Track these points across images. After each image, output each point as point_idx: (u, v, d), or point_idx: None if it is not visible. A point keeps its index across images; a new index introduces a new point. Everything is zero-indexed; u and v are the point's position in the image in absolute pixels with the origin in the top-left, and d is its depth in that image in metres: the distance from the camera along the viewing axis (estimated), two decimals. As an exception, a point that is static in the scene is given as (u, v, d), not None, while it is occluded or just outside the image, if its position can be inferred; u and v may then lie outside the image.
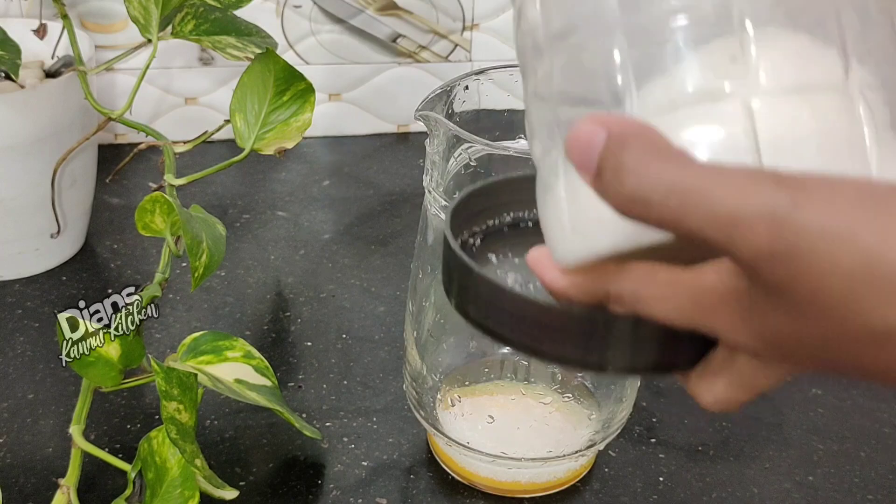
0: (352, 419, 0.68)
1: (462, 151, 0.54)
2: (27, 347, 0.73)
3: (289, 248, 0.86)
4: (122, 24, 0.94)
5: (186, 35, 0.73)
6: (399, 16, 0.99)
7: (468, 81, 0.58)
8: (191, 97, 0.99)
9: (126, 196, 0.92)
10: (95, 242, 0.85)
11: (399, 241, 0.87)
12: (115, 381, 0.56)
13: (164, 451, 0.55)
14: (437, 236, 0.58)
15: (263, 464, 0.64)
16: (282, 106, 0.70)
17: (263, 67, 0.70)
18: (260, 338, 0.75)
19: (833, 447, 0.67)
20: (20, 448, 0.65)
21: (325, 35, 0.99)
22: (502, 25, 1.00)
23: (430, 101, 0.56)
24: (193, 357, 0.60)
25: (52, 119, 0.75)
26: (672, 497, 0.63)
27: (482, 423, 0.61)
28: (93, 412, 0.61)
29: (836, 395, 0.71)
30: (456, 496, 0.62)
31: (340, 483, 0.63)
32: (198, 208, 0.73)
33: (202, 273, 0.60)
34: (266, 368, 0.62)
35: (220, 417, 0.67)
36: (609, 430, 0.62)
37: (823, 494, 0.63)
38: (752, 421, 0.69)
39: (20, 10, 0.90)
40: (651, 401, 0.70)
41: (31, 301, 0.78)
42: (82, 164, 0.80)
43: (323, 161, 0.99)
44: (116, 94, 0.97)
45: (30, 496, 0.61)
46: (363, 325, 0.77)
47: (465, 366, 0.63)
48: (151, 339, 0.74)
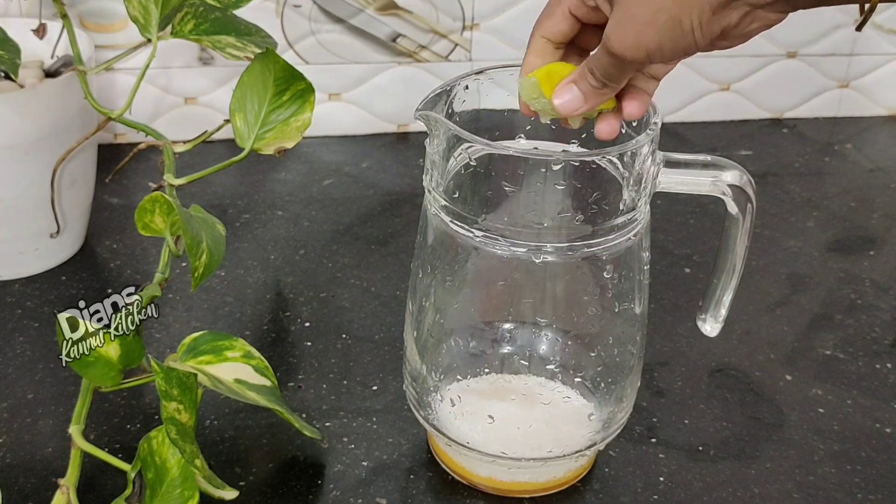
0: (352, 419, 0.68)
1: (462, 151, 0.54)
2: (27, 347, 0.73)
3: (289, 248, 0.86)
4: (122, 23, 0.94)
5: (186, 35, 0.73)
6: (399, 15, 0.99)
7: (468, 81, 0.58)
8: (190, 97, 0.99)
9: (126, 196, 0.92)
10: (95, 242, 0.85)
11: (399, 241, 0.87)
12: (115, 381, 0.56)
13: (163, 451, 0.55)
14: (436, 236, 0.58)
15: (263, 464, 0.64)
16: (282, 106, 0.70)
17: (263, 67, 0.70)
18: (260, 338, 0.75)
19: (834, 447, 0.67)
20: (20, 448, 0.65)
21: (325, 35, 0.99)
22: (502, 25, 1.00)
23: (430, 101, 0.56)
24: (193, 357, 0.60)
25: (52, 119, 0.75)
26: (672, 497, 0.63)
27: (482, 423, 0.61)
28: (93, 412, 0.61)
29: (837, 395, 0.71)
30: (456, 496, 0.62)
31: (340, 483, 0.63)
32: (198, 208, 0.73)
33: (202, 273, 0.60)
34: (266, 368, 0.62)
35: (220, 417, 0.67)
36: (609, 430, 0.62)
37: (824, 494, 0.63)
38: (752, 421, 0.69)
39: (20, 9, 0.90)
40: (651, 401, 0.70)
41: (30, 301, 0.78)
42: (82, 164, 0.80)
43: (323, 161, 0.99)
44: (116, 94, 0.97)
45: (30, 496, 0.61)
46: (363, 325, 0.77)
47: (465, 366, 0.63)
48: (151, 339, 0.74)
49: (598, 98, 0.52)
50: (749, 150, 1.05)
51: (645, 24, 0.47)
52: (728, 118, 1.10)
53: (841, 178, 1.01)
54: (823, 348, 0.76)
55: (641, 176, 0.55)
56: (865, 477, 0.65)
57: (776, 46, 1.07)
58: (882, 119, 1.12)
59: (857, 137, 1.08)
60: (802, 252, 0.88)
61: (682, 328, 0.77)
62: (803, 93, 1.10)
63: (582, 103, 0.52)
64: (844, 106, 1.12)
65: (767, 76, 1.08)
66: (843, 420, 0.69)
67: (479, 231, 0.55)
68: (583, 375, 0.62)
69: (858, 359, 0.75)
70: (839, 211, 0.95)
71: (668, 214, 0.92)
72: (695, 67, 1.06)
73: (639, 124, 0.57)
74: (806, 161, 1.03)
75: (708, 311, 0.63)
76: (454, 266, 0.59)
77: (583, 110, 0.53)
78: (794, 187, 0.98)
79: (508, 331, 0.63)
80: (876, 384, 0.73)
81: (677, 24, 0.46)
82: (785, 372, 0.74)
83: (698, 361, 0.74)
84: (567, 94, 0.53)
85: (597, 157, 0.54)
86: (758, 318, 0.79)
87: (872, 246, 0.89)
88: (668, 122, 1.08)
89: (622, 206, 0.55)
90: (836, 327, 0.78)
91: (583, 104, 0.52)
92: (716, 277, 0.62)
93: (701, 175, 0.57)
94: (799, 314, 0.80)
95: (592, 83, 0.51)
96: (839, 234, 0.91)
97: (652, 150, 0.55)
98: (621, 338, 0.61)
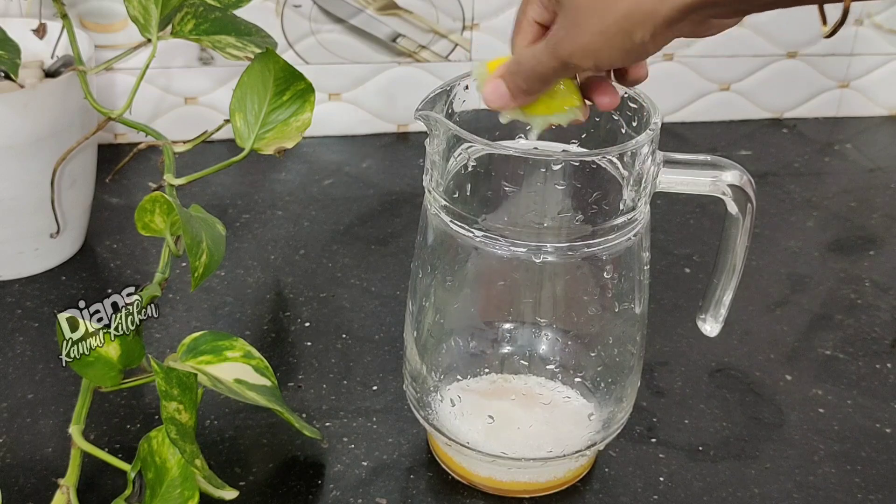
0: (352, 419, 0.68)
1: (462, 151, 0.54)
2: (27, 347, 0.73)
3: (289, 248, 0.86)
4: (122, 23, 0.94)
5: (186, 35, 0.73)
6: (399, 15, 0.99)
7: (468, 81, 0.58)
8: (191, 97, 0.99)
9: (126, 196, 0.92)
10: (95, 242, 0.85)
11: (399, 241, 0.87)
12: (115, 381, 0.56)
13: (163, 451, 0.55)
14: (436, 236, 0.58)
15: (263, 464, 0.64)
16: (281, 106, 0.70)
17: (263, 67, 0.70)
18: (260, 338, 0.75)
19: (833, 447, 0.67)
20: (20, 448, 0.65)
21: (325, 35, 0.99)
22: (502, 25, 1.00)
23: (430, 101, 0.56)
24: (193, 357, 0.60)
25: (52, 119, 0.75)
26: (672, 497, 0.63)
27: (482, 423, 0.61)
28: (93, 412, 0.61)
29: (837, 395, 0.71)
30: (456, 496, 0.62)
31: (340, 483, 0.63)
32: (198, 208, 0.73)
33: (202, 273, 0.60)
34: (266, 368, 0.62)
35: (220, 417, 0.67)
36: (609, 430, 0.62)
37: (824, 494, 0.63)
38: (752, 421, 0.69)
39: (20, 9, 0.90)
40: (651, 401, 0.70)
41: (30, 301, 0.78)
42: (82, 164, 0.80)
43: (323, 161, 0.99)
44: (116, 94, 0.97)
45: (30, 496, 0.61)
46: (363, 325, 0.77)
47: (465, 366, 0.63)
48: (151, 339, 0.74)
49: (525, 98, 0.52)
50: (749, 150, 1.05)
51: (595, 34, 0.47)
52: (728, 118, 1.10)
53: (841, 178, 1.01)
54: (823, 348, 0.76)
55: (641, 176, 0.55)
56: (865, 477, 0.65)
57: (776, 46, 1.07)
58: (882, 119, 1.12)
59: (857, 137, 1.08)
60: (802, 252, 0.88)
61: (682, 328, 0.77)
62: (803, 93, 1.10)
63: (509, 100, 0.52)
64: (844, 106, 1.12)
65: (767, 76, 1.08)
66: (843, 420, 0.69)
67: (479, 231, 0.55)
68: (583, 375, 0.62)
69: (858, 359, 0.75)
70: (839, 211, 0.95)
71: (668, 214, 0.92)
72: (695, 67, 1.06)
73: (639, 124, 0.57)
74: (806, 161, 1.03)
75: (708, 311, 0.63)
76: (454, 266, 0.59)
77: (510, 106, 0.52)
78: (794, 187, 0.98)
79: (508, 331, 0.63)
80: (876, 384, 0.73)
81: (627, 37, 0.46)
82: (785, 372, 0.74)
83: (698, 361, 0.74)
84: (494, 88, 0.52)
85: (597, 157, 0.54)
86: (758, 318, 0.79)
87: (872, 246, 0.89)
88: (668, 122, 1.08)
89: (622, 206, 0.55)
90: (836, 327, 0.78)
91: (510, 101, 0.52)
92: (716, 277, 0.62)
93: (701, 175, 0.57)
94: (799, 314, 0.80)
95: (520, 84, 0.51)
96: (839, 234, 0.91)
97: (652, 150, 0.55)
98: (621, 338, 0.61)
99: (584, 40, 0.47)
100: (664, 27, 0.45)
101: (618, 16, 0.45)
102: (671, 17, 0.45)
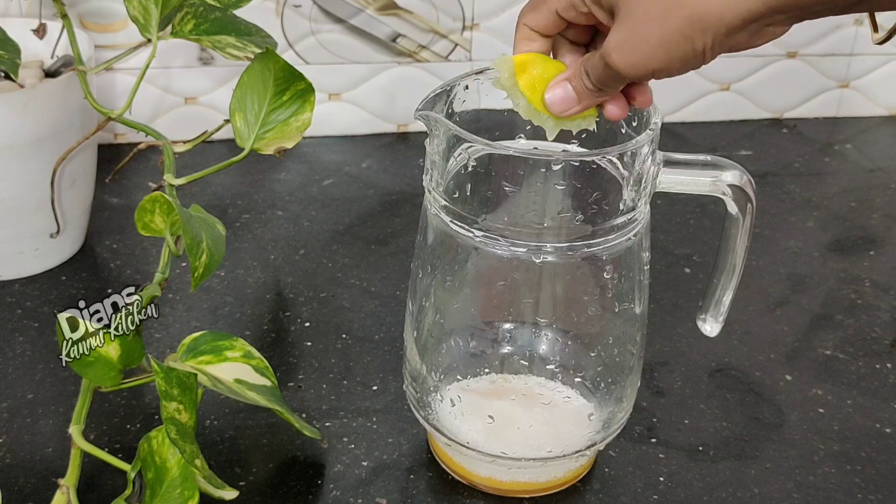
0: (352, 419, 0.68)
1: (462, 151, 0.54)
2: (27, 347, 0.73)
3: (289, 248, 0.86)
4: (122, 23, 0.94)
5: (186, 35, 0.73)
6: (399, 15, 0.99)
7: (468, 81, 0.58)
8: (191, 97, 0.99)
9: (126, 196, 0.92)
10: (95, 242, 0.85)
11: (399, 241, 0.87)
12: (115, 381, 0.56)
13: (163, 451, 0.55)
14: (436, 236, 0.58)
15: (263, 464, 0.64)
16: (282, 106, 0.70)
17: (263, 67, 0.70)
18: (260, 338, 0.75)
19: (833, 447, 0.67)
20: (20, 448, 0.65)
21: (325, 35, 0.99)
22: (502, 25, 1.00)
23: (430, 101, 0.56)
24: (193, 357, 0.60)
25: (52, 119, 0.75)
26: (672, 497, 0.63)
27: (482, 423, 0.61)
28: (93, 412, 0.61)
29: (837, 395, 0.71)
30: (456, 496, 0.62)
31: (340, 483, 0.63)
32: (198, 208, 0.73)
33: (202, 273, 0.60)
34: (266, 368, 0.62)
35: (220, 417, 0.67)
36: (609, 430, 0.62)
37: (824, 494, 0.63)
38: (752, 421, 0.69)
39: (20, 9, 0.90)
40: (651, 401, 0.70)
41: (30, 301, 0.78)
42: (82, 164, 0.80)
43: (323, 161, 0.99)
44: (116, 94, 0.97)
45: (29, 496, 0.61)
46: (363, 325, 0.77)
47: (465, 366, 0.63)
48: (151, 339, 0.74)
49: (592, 100, 0.52)
50: (749, 150, 1.05)
51: (655, 46, 0.46)
52: (728, 118, 1.10)
53: (841, 178, 1.01)
54: (823, 348, 0.76)
55: (641, 176, 0.55)
56: (865, 477, 0.65)
57: (776, 46, 1.07)
58: (882, 119, 1.12)
59: (857, 137, 1.08)
60: (802, 252, 0.88)
61: (682, 328, 0.77)
62: (803, 93, 1.10)
63: (575, 103, 0.52)
64: (844, 106, 1.12)
65: (767, 76, 1.08)
66: (843, 420, 0.69)
67: (479, 231, 0.55)
68: (583, 375, 0.62)
69: (858, 359, 0.75)
70: (839, 211, 0.95)
71: (668, 214, 0.92)
72: (695, 67, 1.06)
73: (639, 124, 0.57)
74: (806, 161, 1.03)
75: (708, 311, 0.63)
76: (454, 266, 0.59)
77: (575, 110, 0.52)
78: (794, 187, 0.98)
79: (508, 331, 0.63)
80: (876, 384, 0.73)
81: (689, 44, 0.45)
82: (785, 372, 0.74)
83: (698, 361, 0.74)
84: (561, 90, 0.52)
85: (597, 157, 0.54)
86: (758, 318, 0.79)
87: (872, 246, 0.89)
88: (668, 122, 1.08)
89: (622, 206, 0.55)
90: (836, 327, 0.78)
91: (576, 104, 0.52)
92: (716, 277, 0.62)
93: (701, 175, 0.57)
94: (799, 314, 0.80)
95: (588, 85, 0.51)
96: (839, 234, 0.91)
97: (652, 150, 0.55)
98: (621, 338, 0.61)
99: (642, 52, 0.47)
100: (725, 35, 0.45)
101: (680, 22, 0.45)
102: (735, 24, 0.44)
